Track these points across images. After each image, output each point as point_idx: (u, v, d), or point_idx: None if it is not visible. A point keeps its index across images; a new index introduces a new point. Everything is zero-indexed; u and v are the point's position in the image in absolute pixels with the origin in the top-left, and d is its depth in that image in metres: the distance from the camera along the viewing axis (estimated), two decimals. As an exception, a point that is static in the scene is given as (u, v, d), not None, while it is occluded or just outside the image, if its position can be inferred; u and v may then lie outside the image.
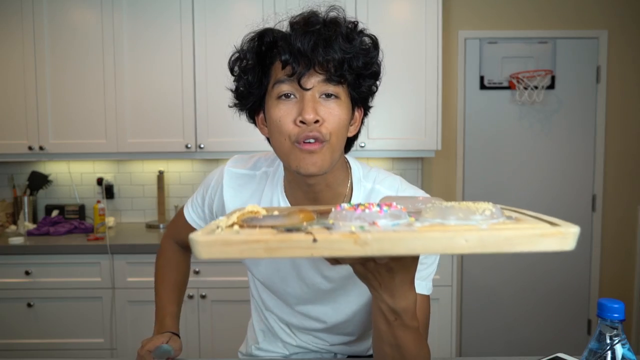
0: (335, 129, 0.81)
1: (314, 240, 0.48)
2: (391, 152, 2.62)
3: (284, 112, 0.81)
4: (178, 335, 1.08)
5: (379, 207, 0.55)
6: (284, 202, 0.94)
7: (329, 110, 0.81)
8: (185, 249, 1.18)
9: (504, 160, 2.99)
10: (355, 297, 0.99)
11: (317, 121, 0.79)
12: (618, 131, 2.97)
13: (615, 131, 2.97)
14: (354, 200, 0.92)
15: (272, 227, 0.54)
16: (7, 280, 2.37)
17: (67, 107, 2.56)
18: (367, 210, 0.54)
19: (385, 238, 0.48)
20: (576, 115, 2.97)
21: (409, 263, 0.65)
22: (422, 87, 2.56)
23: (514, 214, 0.60)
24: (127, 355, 2.39)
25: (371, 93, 0.89)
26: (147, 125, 2.57)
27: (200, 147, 2.57)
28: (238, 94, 0.89)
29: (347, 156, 0.98)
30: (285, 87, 0.81)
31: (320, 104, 0.80)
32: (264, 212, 0.62)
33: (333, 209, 0.58)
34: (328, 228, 0.52)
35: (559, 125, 2.97)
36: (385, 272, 0.64)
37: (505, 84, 2.94)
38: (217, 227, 0.54)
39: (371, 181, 0.95)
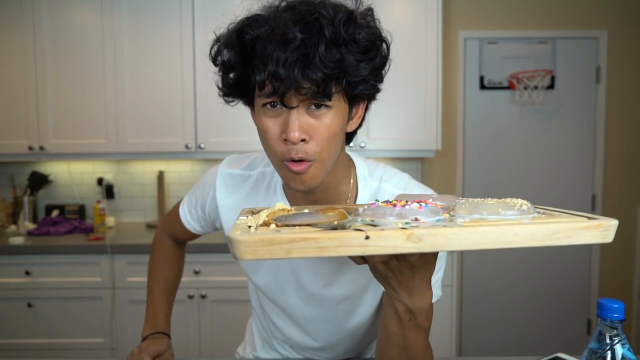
0: (325, 144, 0.74)
1: (367, 237, 0.46)
2: (391, 152, 2.62)
3: (269, 125, 0.74)
4: (169, 336, 1.07)
5: (418, 204, 0.54)
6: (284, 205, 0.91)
7: (318, 123, 0.73)
8: (180, 244, 1.16)
9: (504, 160, 2.99)
10: (357, 317, 0.94)
11: (303, 139, 0.73)
12: (618, 131, 2.97)
13: (615, 131, 2.97)
14: (360, 201, 0.88)
15: (310, 225, 0.51)
16: (7, 280, 2.37)
17: (67, 107, 2.56)
18: (407, 207, 0.53)
19: (439, 233, 0.47)
20: (576, 115, 2.97)
21: (430, 261, 0.63)
22: (422, 87, 2.56)
23: (544, 211, 0.61)
24: (127, 355, 2.39)
25: (374, 90, 0.79)
26: (147, 125, 2.57)
27: (200, 147, 2.57)
28: (224, 88, 0.80)
29: (351, 153, 0.92)
30: (268, 100, 0.73)
31: (307, 117, 0.73)
32: (289, 208, 0.59)
33: (366, 206, 0.57)
34: (373, 225, 0.50)
35: (559, 125, 2.97)
36: (407, 270, 0.62)
37: (505, 84, 2.94)
38: (249, 227, 0.51)
39: (377, 180, 0.90)
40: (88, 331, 2.40)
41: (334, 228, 0.49)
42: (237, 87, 0.78)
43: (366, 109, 0.84)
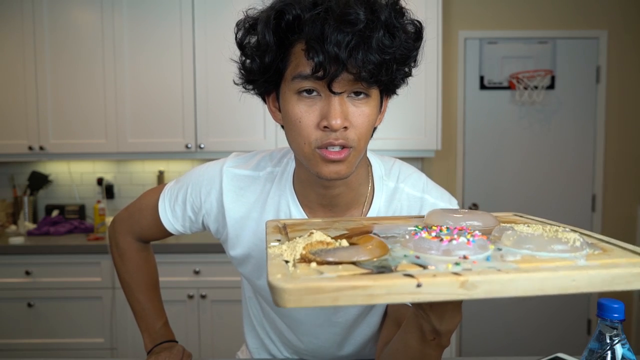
0: (364, 132, 0.72)
1: (418, 285, 0.43)
2: (391, 152, 2.62)
3: (304, 112, 0.70)
4: (176, 341, 1.05)
5: (465, 237, 0.51)
6: (294, 205, 0.84)
7: (359, 112, 0.71)
8: (146, 242, 1.05)
9: (504, 160, 2.99)
10: (365, 327, 0.93)
11: (344, 127, 0.69)
12: (618, 131, 2.97)
13: (615, 131, 2.97)
14: (376, 202, 0.85)
15: (354, 263, 0.48)
16: (7, 280, 2.37)
17: (67, 107, 2.56)
18: (454, 242, 0.50)
19: (495, 280, 0.44)
20: (576, 115, 2.97)
21: None
22: (422, 87, 2.56)
23: (589, 240, 0.57)
24: (127, 355, 2.39)
25: (405, 78, 0.77)
26: (147, 125, 2.57)
27: (200, 147, 2.57)
28: (247, 73, 0.75)
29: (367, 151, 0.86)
30: (308, 84, 0.69)
31: (348, 105, 0.70)
32: (328, 240, 0.54)
33: (407, 236, 0.54)
34: (421, 265, 0.47)
35: (559, 125, 2.97)
36: None
37: (505, 84, 2.94)
38: (286, 263, 0.47)
39: (394, 179, 0.87)
40: (88, 331, 2.40)
41: (380, 269, 0.46)
42: (266, 72, 0.72)
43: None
